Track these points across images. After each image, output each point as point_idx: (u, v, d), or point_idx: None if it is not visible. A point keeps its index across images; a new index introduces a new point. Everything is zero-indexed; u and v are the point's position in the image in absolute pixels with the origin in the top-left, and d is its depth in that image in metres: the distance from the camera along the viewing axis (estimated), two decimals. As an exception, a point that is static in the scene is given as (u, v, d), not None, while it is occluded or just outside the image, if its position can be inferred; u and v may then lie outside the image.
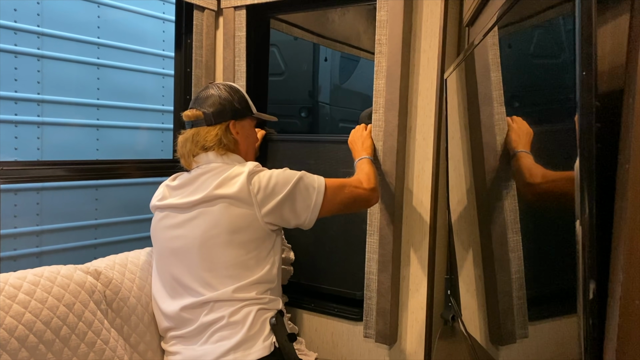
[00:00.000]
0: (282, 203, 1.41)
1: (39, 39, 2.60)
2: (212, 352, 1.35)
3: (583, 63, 0.47)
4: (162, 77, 3.21)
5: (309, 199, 1.43)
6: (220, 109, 1.51)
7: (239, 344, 1.35)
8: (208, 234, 1.39)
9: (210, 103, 1.51)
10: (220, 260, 1.39)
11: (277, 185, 1.41)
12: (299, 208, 1.43)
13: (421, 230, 1.72)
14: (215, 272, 1.39)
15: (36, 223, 2.63)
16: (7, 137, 2.50)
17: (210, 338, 1.37)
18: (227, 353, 1.34)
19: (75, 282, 1.34)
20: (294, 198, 1.42)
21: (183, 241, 1.43)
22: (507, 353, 0.99)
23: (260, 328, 1.38)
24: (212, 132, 1.48)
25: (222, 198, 1.38)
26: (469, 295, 1.33)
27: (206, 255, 1.40)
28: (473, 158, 1.21)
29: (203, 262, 1.40)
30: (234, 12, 2.07)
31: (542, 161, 0.73)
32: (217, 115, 1.50)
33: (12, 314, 1.18)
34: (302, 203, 1.43)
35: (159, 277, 1.52)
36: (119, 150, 2.96)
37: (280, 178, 1.42)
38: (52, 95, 2.66)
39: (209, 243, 1.39)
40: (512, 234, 0.90)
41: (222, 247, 1.39)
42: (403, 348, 1.77)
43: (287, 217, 1.44)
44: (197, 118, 1.51)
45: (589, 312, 0.52)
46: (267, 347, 1.37)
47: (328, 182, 1.48)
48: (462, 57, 1.27)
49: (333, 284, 1.98)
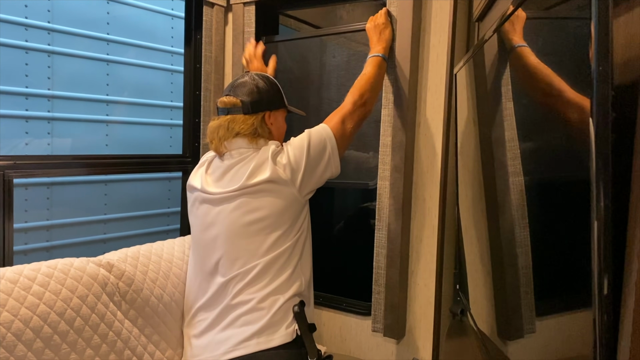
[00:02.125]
0: (307, 170, 1.46)
1: (50, 35, 2.62)
2: (236, 336, 1.38)
3: (599, 54, 0.48)
4: (171, 73, 3.22)
5: (325, 152, 1.49)
6: (258, 99, 1.52)
7: (263, 329, 1.37)
8: (245, 221, 1.42)
9: (247, 91, 1.52)
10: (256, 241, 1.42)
11: (295, 158, 1.45)
12: (322, 165, 1.49)
13: (430, 225, 1.73)
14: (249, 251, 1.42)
15: (46, 217, 2.66)
16: (18, 132, 2.52)
17: (236, 322, 1.40)
18: (250, 337, 1.37)
19: (88, 274, 1.36)
20: (314, 160, 1.47)
21: (219, 229, 1.46)
22: (516, 347, 0.99)
23: (284, 315, 1.41)
24: (248, 121, 1.49)
25: (256, 185, 1.42)
26: (477, 289, 1.34)
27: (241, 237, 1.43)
28: (482, 153, 1.22)
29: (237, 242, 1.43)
30: (243, 8, 2.08)
31: (557, 157, 0.73)
32: (255, 105, 1.52)
33: (27, 305, 1.20)
34: (323, 160, 1.49)
35: (194, 258, 1.57)
36: (128, 146, 2.98)
37: (296, 149, 1.47)
38: (62, 91, 2.68)
39: (239, 228, 1.43)
40: (521, 229, 0.90)
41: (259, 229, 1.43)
42: (411, 342, 1.78)
43: (318, 177, 1.50)
44: (233, 105, 1.52)
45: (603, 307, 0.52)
46: (289, 334, 1.39)
47: (332, 126, 1.52)
48: (472, 53, 1.27)
49: (342, 280, 2.00)
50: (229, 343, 1.39)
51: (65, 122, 2.70)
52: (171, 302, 1.55)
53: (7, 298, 1.18)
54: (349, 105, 1.57)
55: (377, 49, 1.68)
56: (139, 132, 3.08)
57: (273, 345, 1.37)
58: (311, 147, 1.47)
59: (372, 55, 1.67)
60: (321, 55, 2.08)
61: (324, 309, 1.99)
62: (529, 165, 0.87)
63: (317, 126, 1.54)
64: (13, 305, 1.17)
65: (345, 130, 1.54)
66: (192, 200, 1.58)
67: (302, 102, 2.11)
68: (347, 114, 1.55)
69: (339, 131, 1.52)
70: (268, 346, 1.36)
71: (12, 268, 1.27)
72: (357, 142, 1.93)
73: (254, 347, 1.36)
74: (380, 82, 1.67)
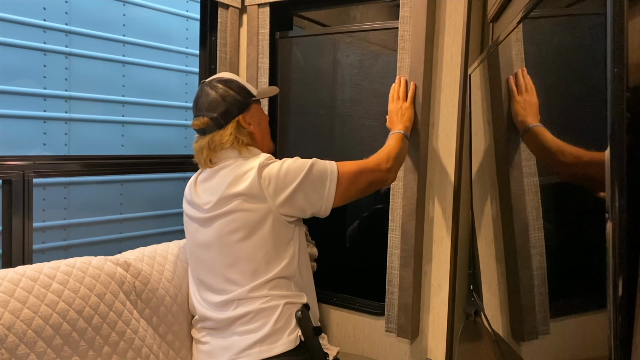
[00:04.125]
0: (295, 193, 1.39)
1: (67, 37, 2.66)
2: (239, 344, 1.38)
3: (615, 56, 0.48)
4: (186, 74, 3.26)
5: (323, 187, 1.41)
6: (225, 109, 1.48)
7: (265, 337, 1.37)
8: (225, 232, 1.40)
9: (213, 106, 1.48)
10: (240, 257, 1.40)
11: (288, 175, 1.39)
12: (313, 197, 1.41)
13: (444, 226, 1.73)
14: (237, 268, 1.41)
15: (63, 217, 2.70)
16: (36, 133, 2.56)
17: (237, 330, 1.40)
18: (253, 345, 1.37)
19: (106, 273, 1.38)
20: (307, 187, 1.40)
21: (204, 241, 1.46)
22: (530, 349, 0.99)
23: (286, 322, 1.40)
24: (225, 134, 1.47)
25: (235, 196, 1.39)
26: (491, 290, 1.33)
27: (226, 253, 1.42)
28: (497, 154, 1.21)
29: (224, 260, 1.42)
30: (258, 10, 2.09)
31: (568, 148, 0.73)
32: (225, 115, 1.48)
33: (47, 302, 1.22)
34: (316, 192, 1.41)
35: (190, 273, 1.58)
36: (143, 146, 3.01)
37: (292, 167, 1.40)
38: (80, 92, 2.73)
39: (227, 241, 1.41)
40: (535, 230, 0.90)
41: (241, 243, 1.40)
42: (425, 343, 1.78)
43: (302, 206, 1.42)
44: (206, 125, 1.49)
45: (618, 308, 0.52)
46: (292, 341, 1.38)
47: (342, 168, 1.45)
48: (486, 53, 1.27)
49: (355, 280, 2.00)
50: (232, 351, 1.39)
51: (82, 122, 2.75)
52: (185, 302, 1.57)
53: (27, 295, 1.20)
54: (371, 163, 1.50)
55: (398, 127, 1.62)
56: (154, 132, 3.12)
57: (275, 353, 1.36)
58: (311, 174, 1.40)
59: (394, 132, 1.61)
60: (335, 55, 2.09)
61: (337, 308, 1.99)
62: (543, 165, 0.87)
63: (327, 160, 1.47)
64: (33, 303, 1.20)
65: (355, 183, 1.46)
66: (184, 213, 1.58)
67: (315, 102, 2.12)
68: (367, 170, 1.48)
69: (349, 180, 1.45)
70: (270, 354, 1.36)
71: (33, 266, 1.29)
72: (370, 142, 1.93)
73: (257, 356, 1.36)
74: (404, 156, 1.61)
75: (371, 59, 1.98)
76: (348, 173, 1.45)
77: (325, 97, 2.12)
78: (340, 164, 1.47)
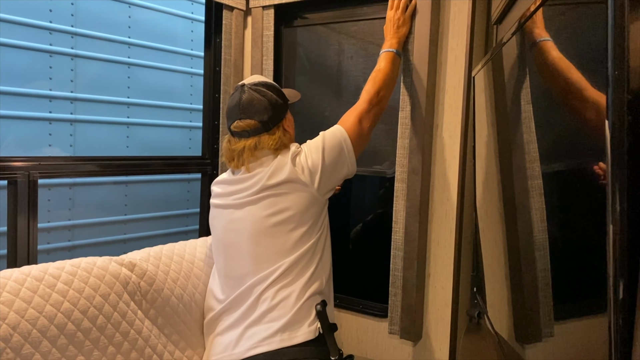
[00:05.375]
0: (324, 172, 1.48)
1: (73, 38, 2.68)
2: (260, 332, 1.40)
3: (615, 58, 0.48)
4: (191, 76, 3.27)
5: (342, 154, 1.51)
6: (273, 113, 1.53)
7: (286, 326, 1.39)
8: (264, 215, 1.45)
9: (260, 110, 1.52)
10: (276, 239, 1.45)
11: (313, 161, 1.48)
12: (339, 166, 1.51)
13: (447, 227, 1.73)
14: (270, 250, 1.45)
15: (68, 218, 2.71)
16: (42, 134, 2.58)
17: (260, 319, 1.42)
18: (274, 334, 1.38)
19: (111, 273, 1.38)
20: (330, 162, 1.49)
21: (244, 231, 1.49)
22: (533, 351, 0.99)
23: (306, 313, 1.42)
24: (274, 137, 1.51)
25: (276, 185, 1.45)
26: (494, 293, 1.33)
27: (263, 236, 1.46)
28: (500, 156, 1.22)
29: (259, 243, 1.46)
30: (262, 12, 2.10)
31: (575, 160, 0.73)
32: (274, 120, 1.53)
33: (52, 302, 1.23)
34: (339, 161, 1.51)
35: (215, 269, 1.60)
36: (148, 148, 3.03)
37: (313, 153, 1.49)
38: (85, 94, 2.74)
39: (263, 223, 1.45)
40: (539, 233, 0.90)
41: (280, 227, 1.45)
42: (428, 345, 1.78)
43: (334, 178, 1.52)
44: (254, 127, 1.51)
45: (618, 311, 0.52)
46: (312, 332, 1.40)
47: (347, 127, 1.53)
48: (490, 55, 1.27)
49: (359, 282, 2.00)
50: (253, 340, 1.41)
51: (87, 124, 2.76)
52: (191, 303, 1.57)
53: (32, 295, 1.21)
54: (364, 104, 1.58)
55: (390, 42, 1.67)
56: (159, 134, 3.13)
57: (296, 342, 1.38)
58: (326, 150, 1.49)
59: (385, 50, 1.67)
60: (339, 57, 2.10)
61: (341, 310, 2.00)
62: (547, 168, 0.87)
63: (332, 127, 1.55)
64: (38, 303, 1.21)
65: (363, 130, 1.55)
66: (214, 204, 1.60)
67: (319, 104, 2.13)
68: (364, 113, 1.56)
69: (356, 132, 1.54)
70: (291, 343, 1.38)
71: (38, 266, 1.30)
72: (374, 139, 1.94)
73: (278, 344, 1.38)
74: (395, 78, 1.67)
75: (376, 61, 1.99)
76: (353, 128, 1.54)
77: (330, 98, 2.12)
78: (343, 122, 1.56)
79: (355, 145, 1.53)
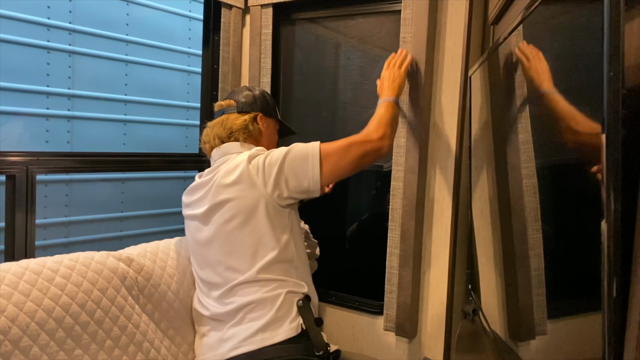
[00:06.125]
0: (279, 176, 1.43)
1: (71, 35, 2.68)
2: (241, 333, 1.40)
3: (611, 57, 0.50)
4: (188, 74, 3.28)
5: (305, 166, 1.44)
6: (252, 101, 1.64)
7: (267, 325, 1.39)
8: (222, 222, 1.44)
9: (243, 95, 1.65)
10: (239, 243, 1.44)
11: (271, 161, 1.44)
12: (298, 177, 1.44)
13: (443, 225, 1.75)
14: (236, 255, 1.44)
15: (65, 214, 2.71)
16: (39, 130, 2.58)
17: (240, 321, 1.42)
18: (255, 334, 1.39)
19: (109, 267, 1.39)
20: (289, 168, 1.43)
21: (205, 237, 1.49)
22: (527, 348, 1.00)
23: (287, 310, 1.43)
24: (240, 118, 1.59)
25: (229, 186, 1.44)
26: (489, 290, 1.35)
27: (225, 242, 1.45)
28: (496, 155, 1.23)
29: (224, 249, 1.45)
30: (261, 10, 2.11)
31: (570, 160, 0.75)
32: (248, 105, 1.63)
33: (50, 295, 1.23)
34: (299, 171, 1.44)
35: (195, 275, 1.61)
36: (145, 145, 3.03)
37: (275, 154, 1.46)
38: (82, 90, 2.74)
39: (225, 230, 1.44)
40: (533, 231, 0.91)
41: (238, 230, 1.43)
42: (423, 341, 1.80)
43: (289, 186, 1.44)
44: (229, 106, 1.63)
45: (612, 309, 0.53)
46: (294, 329, 1.41)
47: (326, 146, 1.46)
48: (486, 55, 1.29)
49: (354, 279, 2.02)
50: (234, 340, 1.41)
51: (84, 120, 2.76)
52: (187, 298, 1.58)
53: (31, 289, 1.21)
54: (360, 136, 1.50)
55: (387, 94, 1.60)
56: (155, 131, 3.14)
57: (278, 340, 1.38)
58: (290, 155, 1.44)
59: (384, 99, 1.59)
60: (336, 57, 2.11)
61: (336, 307, 2.01)
62: (542, 166, 0.88)
63: (311, 142, 1.50)
64: (37, 296, 1.21)
65: (345, 157, 1.46)
66: (185, 215, 1.61)
67: (317, 102, 2.14)
68: (356, 142, 1.48)
69: (335, 154, 1.45)
70: (273, 341, 1.38)
71: (36, 260, 1.31)
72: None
73: (259, 343, 1.38)
74: (396, 123, 1.59)
75: (373, 61, 2.00)
76: (334, 149, 1.46)
77: (327, 97, 2.13)
78: (326, 143, 1.49)
79: (327, 165, 1.44)
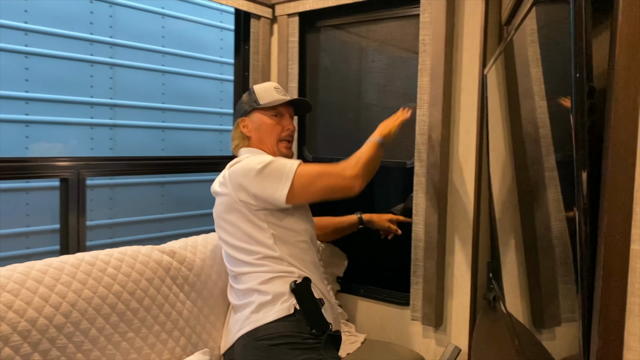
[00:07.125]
0: (250, 184, 1.49)
1: (112, 49, 2.86)
2: (242, 316, 1.52)
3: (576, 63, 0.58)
4: (221, 82, 3.43)
5: (278, 182, 1.48)
6: (238, 109, 1.75)
7: (260, 307, 1.49)
8: (217, 220, 1.61)
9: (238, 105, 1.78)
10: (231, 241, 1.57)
11: (246, 169, 1.51)
12: (267, 189, 1.49)
13: (465, 218, 1.82)
14: (234, 247, 1.57)
15: (109, 217, 2.89)
16: (84, 138, 2.77)
17: (243, 305, 1.54)
18: (250, 315, 1.50)
19: (154, 260, 1.53)
20: (261, 179, 1.49)
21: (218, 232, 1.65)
22: (549, 335, 1.03)
23: (280, 292, 1.50)
24: (234, 131, 1.73)
25: (216, 192, 1.61)
26: (511, 280, 1.40)
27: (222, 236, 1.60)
28: (514, 149, 1.28)
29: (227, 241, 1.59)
30: (287, 20, 2.23)
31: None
32: (236, 114, 1.77)
33: (104, 284, 1.37)
34: (270, 185, 1.49)
35: None
36: (182, 150, 3.20)
37: (252, 162, 1.52)
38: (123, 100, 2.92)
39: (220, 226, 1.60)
40: (557, 222, 0.94)
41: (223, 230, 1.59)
42: (449, 330, 1.87)
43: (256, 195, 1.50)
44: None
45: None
46: (285, 309, 1.48)
47: (302, 168, 1.51)
48: (498, 54, 1.36)
49: (381, 272, 2.10)
50: (237, 324, 1.53)
51: (125, 128, 2.94)
52: (226, 287, 1.70)
53: (87, 278, 1.35)
54: (336, 168, 1.53)
55: (376, 134, 1.64)
56: (191, 137, 3.30)
57: (269, 320, 1.46)
58: (266, 169, 1.49)
59: (372, 139, 1.62)
60: (360, 60, 2.21)
61: (364, 299, 2.11)
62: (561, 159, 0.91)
63: (293, 160, 1.55)
64: (92, 284, 1.35)
65: (311, 185, 1.52)
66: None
67: (343, 104, 2.24)
68: (327, 174, 1.53)
69: (305, 180, 1.50)
70: (266, 321, 1.46)
71: (90, 253, 1.45)
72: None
73: (254, 324, 1.48)
74: (375, 163, 1.59)
75: (395, 63, 2.09)
76: (306, 174, 1.51)
77: (352, 99, 2.23)
78: (306, 164, 1.54)
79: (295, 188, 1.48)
